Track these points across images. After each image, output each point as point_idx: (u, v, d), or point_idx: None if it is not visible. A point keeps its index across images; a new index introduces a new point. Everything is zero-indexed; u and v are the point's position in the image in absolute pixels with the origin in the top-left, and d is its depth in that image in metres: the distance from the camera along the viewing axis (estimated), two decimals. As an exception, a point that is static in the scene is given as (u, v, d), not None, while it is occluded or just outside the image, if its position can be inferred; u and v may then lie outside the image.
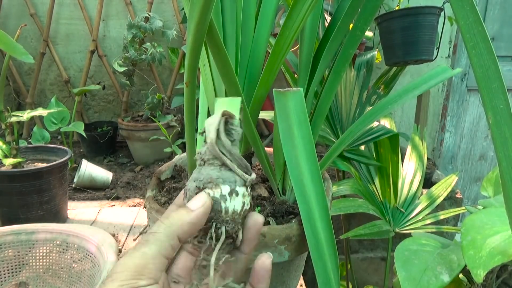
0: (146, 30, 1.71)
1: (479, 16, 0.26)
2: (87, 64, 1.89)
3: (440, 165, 2.15)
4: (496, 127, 0.25)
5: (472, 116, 2.11)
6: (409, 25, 1.16)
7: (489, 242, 0.44)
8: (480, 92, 0.26)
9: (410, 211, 0.82)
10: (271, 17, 0.43)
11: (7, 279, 0.59)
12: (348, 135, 0.45)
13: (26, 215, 0.99)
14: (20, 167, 0.99)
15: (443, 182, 0.89)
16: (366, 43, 1.54)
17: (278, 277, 0.44)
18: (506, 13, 1.93)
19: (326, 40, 0.47)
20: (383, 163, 0.83)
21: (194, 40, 0.33)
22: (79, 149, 1.87)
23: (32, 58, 0.57)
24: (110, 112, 2.05)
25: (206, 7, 0.30)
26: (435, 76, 0.48)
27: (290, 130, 0.38)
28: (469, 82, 2.03)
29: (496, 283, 0.56)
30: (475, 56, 0.26)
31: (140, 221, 1.14)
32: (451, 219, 1.25)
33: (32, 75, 1.90)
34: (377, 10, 1.11)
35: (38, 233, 0.60)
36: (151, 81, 1.93)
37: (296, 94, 0.39)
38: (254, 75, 0.44)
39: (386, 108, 0.45)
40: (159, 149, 1.62)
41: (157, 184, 0.52)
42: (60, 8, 1.86)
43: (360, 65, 1.14)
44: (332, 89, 0.47)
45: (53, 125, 1.47)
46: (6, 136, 0.97)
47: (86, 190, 1.40)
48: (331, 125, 0.95)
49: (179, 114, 1.81)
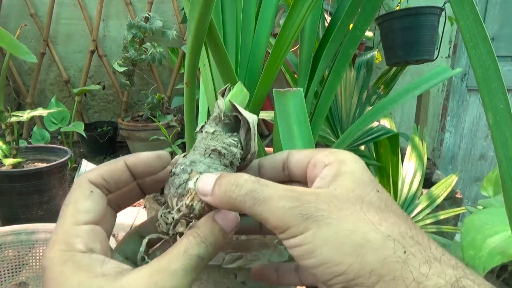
0: (146, 30, 1.71)
1: (479, 16, 0.26)
2: (87, 64, 1.89)
3: (440, 165, 2.15)
4: (496, 127, 0.25)
5: (472, 116, 2.11)
6: (410, 25, 1.16)
7: (489, 242, 0.44)
8: (480, 92, 0.26)
9: (410, 211, 0.82)
10: (271, 17, 0.43)
11: (7, 279, 0.59)
12: (348, 135, 0.45)
13: (26, 215, 0.99)
14: (20, 167, 0.99)
15: (443, 182, 0.89)
16: (366, 43, 1.54)
17: (278, 277, 0.44)
18: (506, 13, 1.93)
19: (326, 40, 0.47)
20: (383, 163, 0.83)
21: (194, 40, 0.33)
22: (79, 149, 1.87)
23: (35, 58, 0.57)
24: (110, 112, 2.05)
25: (206, 7, 0.30)
26: (435, 76, 0.48)
27: (290, 130, 0.38)
28: (469, 82, 2.03)
29: (496, 283, 0.56)
30: (475, 56, 0.26)
31: (140, 221, 1.14)
32: (451, 219, 1.25)
33: (32, 75, 1.90)
34: (377, 10, 1.10)
35: (38, 233, 0.60)
36: (151, 81, 1.93)
37: (296, 94, 0.39)
38: (254, 75, 0.44)
39: (386, 108, 0.45)
40: (159, 149, 1.60)
41: (157, 184, 0.52)
42: (60, 8, 1.86)
43: (360, 65, 1.14)
44: (332, 89, 0.47)
45: (53, 125, 1.47)
46: (6, 136, 0.97)
47: (86, 190, 1.40)
48: (331, 125, 0.95)
49: (179, 114, 1.82)
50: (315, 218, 0.20)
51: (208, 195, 0.23)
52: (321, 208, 0.20)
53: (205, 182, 0.24)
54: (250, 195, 0.21)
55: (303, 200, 0.21)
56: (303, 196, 0.21)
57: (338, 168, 0.23)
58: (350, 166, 0.23)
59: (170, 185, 0.26)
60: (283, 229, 0.21)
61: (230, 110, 0.28)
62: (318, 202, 0.20)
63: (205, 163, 0.26)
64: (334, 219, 0.20)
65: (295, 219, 0.20)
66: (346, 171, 0.23)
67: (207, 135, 0.27)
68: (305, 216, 0.20)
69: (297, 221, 0.20)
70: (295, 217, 0.20)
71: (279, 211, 0.20)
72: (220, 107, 0.27)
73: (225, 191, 0.22)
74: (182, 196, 0.25)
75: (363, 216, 0.20)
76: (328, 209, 0.20)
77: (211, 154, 0.26)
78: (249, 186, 0.22)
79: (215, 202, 0.23)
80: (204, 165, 0.26)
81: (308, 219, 0.20)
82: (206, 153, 0.27)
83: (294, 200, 0.21)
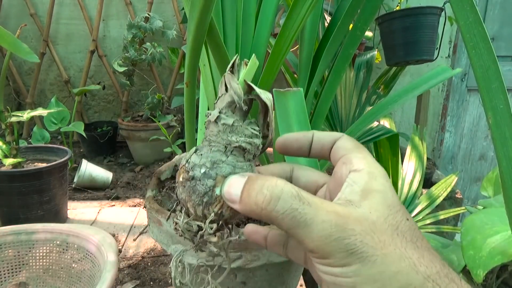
0: (146, 30, 1.71)
1: (479, 16, 0.26)
2: (87, 64, 1.89)
3: (440, 165, 2.15)
4: (496, 127, 0.25)
5: (472, 116, 2.11)
6: (410, 25, 1.16)
7: (489, 242, 0.44)
8: (480, 92, 0.26)
9: (410, 211, 0.82)
10: (271, 17, 0.43)
11: (7, 279, 0.59)
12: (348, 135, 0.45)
13: (26, 215, 0.99)
14: (20, 167, 0.99)
15: (443, 182, 0.89)
16: (366, 43, 1.54)
17: (278, 277, 0.44)
18: (506, 13, 1.93)
19: (326, 40, 0.47)
20: (383, 163, 0.83)
21: (194, 40, 0.33)
22: (79, 149, 1.87)
23: (37, 58, 0.57)
24: (110, 112, 2.05)
25: (207, 7, 0.30)
26: (435, 76, 0.48)
27: (290, 130, 0.38)
28: (469, 82, 2.03)
29: (496, 283, 0.56)
30: (475, 56, 0.26)
31: (140, 221, 1.14)
32: (451, 219, 1.25)
33: (32, 75, 1.90)
34: (377, 10, 1.11)
35: (38, 233, 0.60)
36: (151, 81, 1.93)
37: (296, 94, 0.39)
38: (254, 75, 0.44)
39: (386, 108, 0.45)
40: (159, 149, 1.62)
41: (157, 184, 0.52)
42: (60, 8, 1.86)
43: (360, 65, 1.14)
44: (332, 89, 0.47)
45: (53, 125, 1.47)
46: (6, 136, 0.97)
47: (86, 190, 1.40)
48: (331, 125, 0.95)
49: (179, 114, 1.82)
50: (360, 255, 0.19)
51: (236, 203, 0.22)
52: (366, 243, 0.19)
53: (232, 188, 0.22)
54: (291, 215, 0.20)
55: (348, 230, 0.20)
56: (348, 226, 0.20)
57: (368, 182, 0.22)
58: (381, 183, 0.22)
59: (191, 191, 0.23)
60: (322, 256, 0.20)
61: (246, 91, 0.24)
62: (363, 234, 0.20)
63: (229, 163, 0.23)
64: (378, 257, 0.19)
65: (339, 251, 0.19)
66: (377, 189, 0.22)
67: (225, 127, 0.24)
68: (350, 251, 0.19)
69: (341, 254, 0.19)
70: (339, 249, 0.19)
71: (321, 239, 0.19)
72: (236, 91, 0.24)
73: (256, 202, 0.21)
74: (210, 204, 0.23)
75: (405, 254, 0.20)
76: (373, 245, 0.19)
77: (233, 151, 0.24)
78: (288, 202, 0.20)
79: (245, 211, 0.22)
80: (229, 165, 0.23)
81: (353, 255, 0.19)
82: (228, 150, 0.24)
83: (339, 229, 0.19)
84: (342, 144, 0.25)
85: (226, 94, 0.24)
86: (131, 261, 0.91)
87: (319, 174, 0.27)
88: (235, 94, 0.24)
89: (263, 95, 0.24)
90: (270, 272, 0.43)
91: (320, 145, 0.26)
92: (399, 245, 0.20)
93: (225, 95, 0.24)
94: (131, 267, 0.88)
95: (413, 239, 0.21)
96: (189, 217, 0.24)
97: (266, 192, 0.20)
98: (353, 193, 0.22)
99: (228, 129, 0.24)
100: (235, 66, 0.25)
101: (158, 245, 0.97)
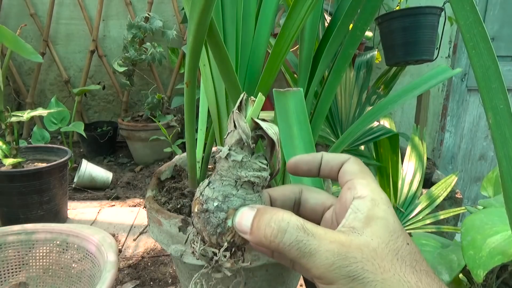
0: (146, 30, 1.71)
1: (479, 16, 0.26)
2: (87, 64, 1.89)
3: (440, 165, 2.15)
4: (496, 127, 0.25)
5: (472, 116, 2.11)
6: (410, 25, 1.16)
7: (489, 242, 0.44)
8: (480, 92, 0.26)
9: (410, 211, 0.82)
10: (271, 17, 0.43)
11: (7, 279, 0.59)
12: (348, 135, 0.45)
13: (26, 215, 0.99)
14: (20, 167, 0.99)
15: (443, 182, 0.89)
16: (366, 43, 1.54)
17: (278, 277, 0.44)
18: (506, 13, 1.93)
19: (326, 40, 0.47)
20: (383, 163, 0.83)
21: (194, 40, 0.33)
22: (79, 149, 1.87)
23: (41, 58, 0.58)
24: (110, 112, 2.05)
25: (207, 7, 0.30)
26: (435, 76, 0.48)
27: (290, 130, 0.38)
28: (469, 82, 2.03)
29: (496, 283, 0.56)
30: (475, 56, 0.26)
31: (140, 221, 1.14)
32: (451, 219, 1.25)
33: (32, 75, 1.90)
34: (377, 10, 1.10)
35: (38, 233, 0.60)
36: (151, 81, 1.93)
37: (296, 94, 0.39)
38: (254, 75, 0.44)
39: (386, 108, 0.45)
40: (159, 149, 1.62)
41: (157, 184, 0.52)
42: (60, 8, 1.86)
43: (360, 65, 1.14)
44: (332, 89, 0.47)
45: (53, 125, 1.47)
46: (6, 136, 0.97)
47: (86, 190, 1.40)
48: (331, 125, 0.95)
49: (179, 114, 1.82)
50: (362, 281, 0.21)
51: (247, 233, 0.24)
52: (367, 269, 0.21)
53: (243, 220, 0.24)
54: (296, 246, 0.22)
55: (350, 258, 0.21)
56: (349, 254, 0.21)
57: (371, 209, 0.24)
58: (383, 210, 0.24)
59: (205, 222, 0.26)
60: (327, 282, 0.22)
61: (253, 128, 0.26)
62: (364, 261, 0.21)
63: (239, 196, 0.25)
64: (378, 282, 0.21)
65: (342, 277, 0.21)
66: (379, 216, 0.23)
67: (235, 163, 0.26)
68: (352, 277, 0.21)
69: (343, 281, 0.21)
70: (342, 276, 0.21)
71: (325, 267, 0.21)
72: (244, 131, 0.25)
73: (265, 234, 0.23)
74: (223, 234, 0.25)
75: (403, 278, 0.21)
76: (373, 270, 0.21)
77: (243, 184, 0.26)
78: (294, 234, 0.22)
79: (255, 242, 0.24)
80: (239, 198, 0.25)
81: (355, 281, 0.21)
82: (238, 184, 0.26)
83: (341, 258, 0.21)
84: (348, 168, 0.27)
85: (234, 131, 0.26)
86: (131, 261, 0.91)
87: (326, 196, 0.29)
88: (243, 133, 0.26)
89: (269, 130, 0.26)
90: (270, 272, 0.43)
91: (329, 167, 0.28)
92: (398, 270, 0.21)
93: (234, 132, 0.26)
94: (131, 267, 0.88)
95: (413, 263, 0.22)
96: (205, 244, 0.26)
97: (274, 225, 0.22)
98: (356, 220, 0.23)
99: (237, 165, 0.26)
100: (243, 103, 0.26)
101: (158, 245, 0.97)
